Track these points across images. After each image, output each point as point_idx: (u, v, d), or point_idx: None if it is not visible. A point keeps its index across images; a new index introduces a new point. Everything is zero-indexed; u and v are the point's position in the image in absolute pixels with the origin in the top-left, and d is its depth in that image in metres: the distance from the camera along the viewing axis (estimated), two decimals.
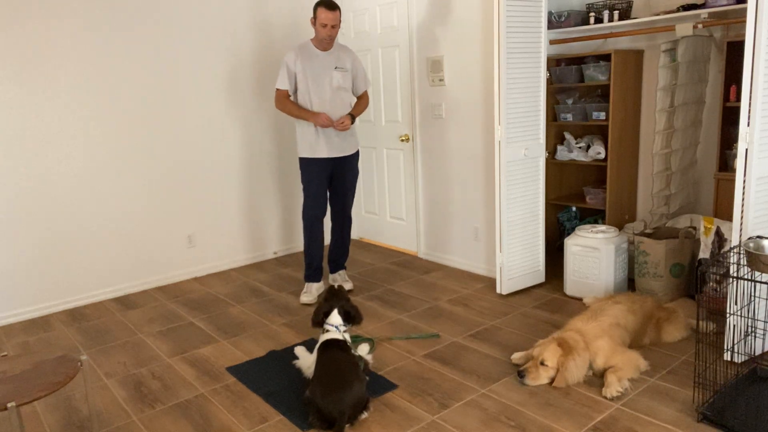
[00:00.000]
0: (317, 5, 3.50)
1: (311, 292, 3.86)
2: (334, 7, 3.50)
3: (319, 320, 2.73)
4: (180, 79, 4.23)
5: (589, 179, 4.40)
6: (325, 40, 3.56)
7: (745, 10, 3.10)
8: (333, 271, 4.05)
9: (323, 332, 2.69)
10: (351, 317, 2.74)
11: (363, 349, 2.84)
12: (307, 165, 3.71)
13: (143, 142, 4.14)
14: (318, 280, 3.92)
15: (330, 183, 3.83)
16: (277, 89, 3.67)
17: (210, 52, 4.34)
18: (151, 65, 4.09)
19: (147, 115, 4.13)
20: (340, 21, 3.54)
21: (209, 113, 4.41)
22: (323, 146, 3.67)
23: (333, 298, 2.77)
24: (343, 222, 3.93)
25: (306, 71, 3.59)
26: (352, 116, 3.69)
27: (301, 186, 4.64)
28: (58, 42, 3.72)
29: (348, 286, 3.98)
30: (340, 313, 2.71)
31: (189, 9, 4.20)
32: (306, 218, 3.77)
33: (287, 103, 3.66)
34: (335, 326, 2.68)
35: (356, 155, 3.85)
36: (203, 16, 4.27)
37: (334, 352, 2.53)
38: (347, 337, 2.69)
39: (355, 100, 3.85)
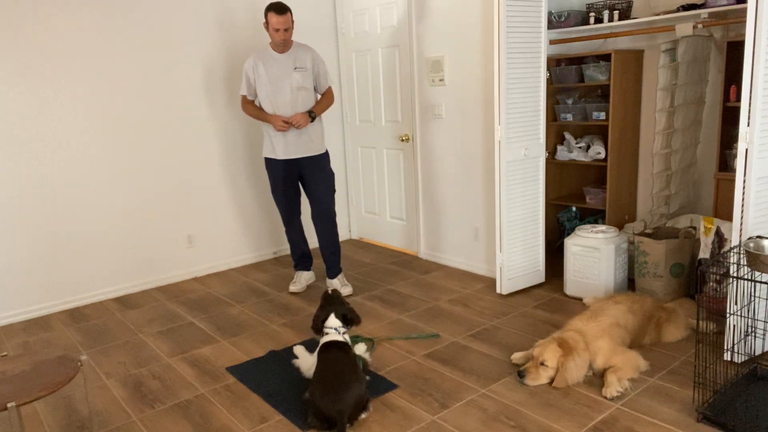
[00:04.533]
0: (267, 9, 3.52)
1: (300, 281, 4.02)
2: (283, 11, 3.50)
3: (319, 327, 2.76)
4: (180, 79, 4.23)
5: (589, 179, 4.40)
6: (280, 44, 3.59)
7: (745, 10, 3.10)
8: (330, 276, 3.97)
9: (323, 335, 2.70)
10: (349, 320, 2.75)
11: (360, 348, 2.84)
12: (267, 165, 3.84)
13: (143, 142, 4.14)
14: (306, 269, 4.06)
15: (303, 184, 3.87)
16: (241, 95, 3.78)
17: (210, 52, 4.34)
18: (151, 66, 4.09)
19: (147, 115, 4.13)
20: (292, 23, 3.56)
21: (210, 113, 4.41)
22: (280, 147, 3.72)
23: (328, 304, 2.80)
24: (324, 222, 3.86)
25: (266, 75, 3.63)
26: (311, 113, 3.69)
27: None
28: (58, 43, 3.72)
29: (347, 290, 3.91)
30: (337, 316, 2.72)
31: (189, 9, 4.20)
32: (281, 215, 3.95)
33: (248, 107, 3.76)
34: (334, 328, 2.69)
35: (323, 156, 3.82)
36: (204, 16, 4.27)
37: (333, 353, 2.54)
38: (347, 338, 2.69)
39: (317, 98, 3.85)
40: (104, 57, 3.91)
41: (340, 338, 2.64)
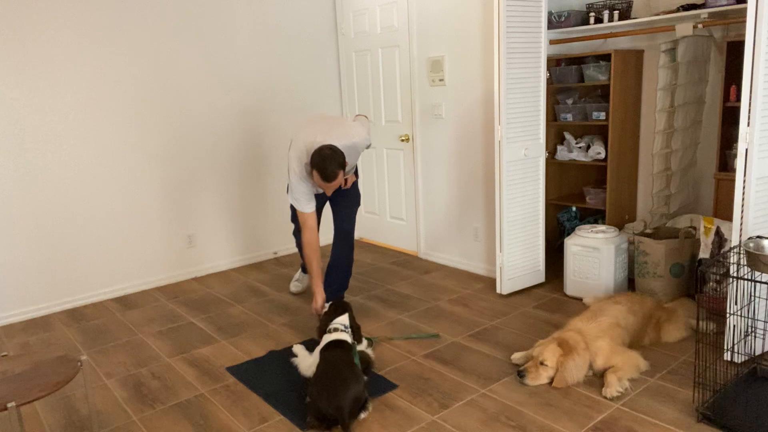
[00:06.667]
0: (313, 165, 2.92)
1: (302, 281, 3.97)
2: (333, 177, 2.91)
3: (325, 327, 2.78)
4: (180, 79, 4.23)
5: (589, 179, 4.40)
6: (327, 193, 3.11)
7: (745, 10, 3.10)
8: (327, 299, 3.39)
9: (329, 332, 2.70)
10: (353, 331, 2.79)
11: (361, 344, 2.85)
12: None
13: (143, 141, 4.13)
14: None
15: (330, 200, 3.52)
16: (306, 217, 3.14)
17: (210, 52, 4.34)
18: (151, 66, 4.09)
19: (147, 115, 4.13)
20: (344, 179, 3.05)
21: (209, 113, 4.41)
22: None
23: (339, 309, 2.85)
24: (342, 239, 3.44)
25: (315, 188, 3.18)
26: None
27: None
28: (59, 42, 3.72)
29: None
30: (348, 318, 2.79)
31: (189, 8, 4.20)
32: (296, 232, 3.65)
33: (313, 242, 3.16)
34: (343, 325, 2.71)
35: (355, 180, 3.47)
36: (204, 15, 4.27)
37: (334, 352, 2.54)
38: (350, 339, 2.71)
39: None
40: (104, 57, 3.91)
41: (345, 336, 2.65)
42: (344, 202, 3.42)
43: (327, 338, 2.66)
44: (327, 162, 2.87)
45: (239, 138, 4.58)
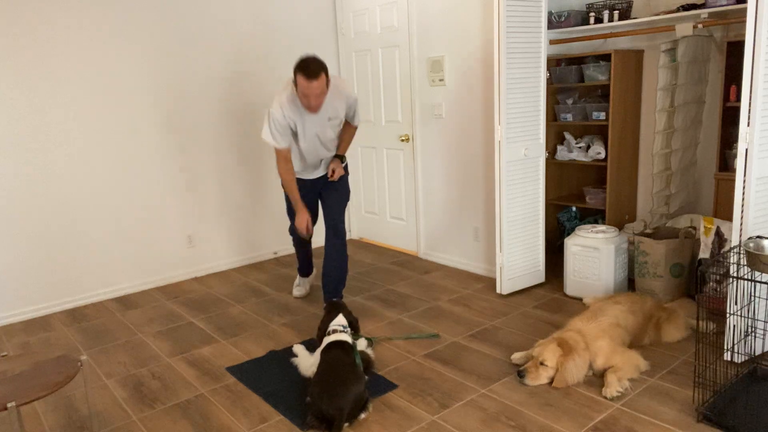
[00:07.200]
0: (295, 69, 2.95)
1: (303, 285, 3.97)
2: (315, 74, 2.90)
3: (324, 331, 2.79)
4: (181, 79, 4.23)
5: (589, 179, 4.40)
6: (311, 108, 3.09)
7: (745, 10, 3.10)
8: (325, 299, 3.51)
9: (329, 334, 2.71)
10: (353, 326, 2.80)
11: (361, 344, 2.85)
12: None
13: (143, 142, 4.13)
14: (308, 274, 4.01)
15: (320, 197, 3.60)
16: (281, 153, 3.21)
17: (211, 53, 4.34)
18: (151, 66, 4.09)
19: (147, 115, 4.13)
20: (326, 86, 3.01)
21: (209, 113, 4.41)
22: (304, 172, 3.49)
23: (336, 309, 2.87)
24: (332, 237, 3.48)
25: (301, 133, 3.22)
26: (343, 160, 3.47)
27: None
28: (59, 42, 3.72)
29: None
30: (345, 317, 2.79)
31: (189, 7, 4.20)
32: (292, 230, 3.74)
33: (289, 172, 3.25)
34: (342, 326, 2.71)
35: (344, 175, 3.54)
36: (205, 15, 4.27)
37: (335, 353, 2.55)
38: (351, 340, 2.71)
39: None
40: (104, 57, 3.91)
41: (345, 337, 2.65)
42: (334, 195, 3.49)
43: (327, 340, 2.67)
44: (309, 61, 2.93)
45: (239, 138, 4.58)
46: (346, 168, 3.55)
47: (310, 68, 2.90)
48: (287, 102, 3.13)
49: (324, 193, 3.55)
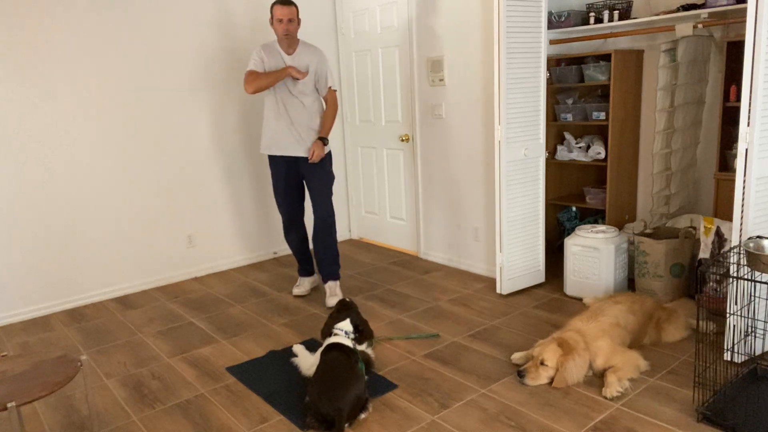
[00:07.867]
0: (273, 4, 3.47)
1: (303, 284, 3.98)
2: (288, 3, 3.44)
3: (329, 330, 2.76)
4: (180, 79, 4.23)
5: (589, 179, 4.40)
6: (284, 39, 3.49)
7: (745, 10, 3.10)
8: (324, 281, 3.81)
9: (330, 336, 2.70)
10: (359, 330, 2.77)
11: (362, 344, 2.84)
12: (269, 161, 3.76)
13: (144, 142, 4.14)
14: (308, 274, 4.01)
15: (306, 186, 3.73)
16: (249, 71, 3.52)
17: (208, 52, 4.34)
18: (150, 65, 4.09)
19: (147, 115, 4.13)
20: (297, 17, 3.49)
21: (210, 113, 4.41)
22: (280, 143, 3.62)
23: (345, 309, 2.83)
24: (319, 227, 3.68)
25: (270, 71, 3.53)
26: (324, 140, 3.58)
27: None
28: (58, 42, 3.72)
29: (332, 301, 3.65)
30: (351, 323, 2.75)
31: (187, 7, 4.20)
32: (282, 219, 3.88)
33: (258, 78, 3.49)
34: (345, 331, 2.69)
35: (325, 157, 3.64)
36: (202, 15, 4.27)
37: (335, 354, 2.54)
38: (353, 345, 2.68)
39: (322, 107, 3.70)
40: (103, 56, 3.91)
41: (346, 342, 2.63)
42: (316, 180, 3.64)
43: (328, 341, 2.67)
44: None
45: (239, 138, 4.58)
46: (329, 154, 3.70)
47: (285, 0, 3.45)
48: (266, 46, 3.60)
49: (307, 179, 3.70)
